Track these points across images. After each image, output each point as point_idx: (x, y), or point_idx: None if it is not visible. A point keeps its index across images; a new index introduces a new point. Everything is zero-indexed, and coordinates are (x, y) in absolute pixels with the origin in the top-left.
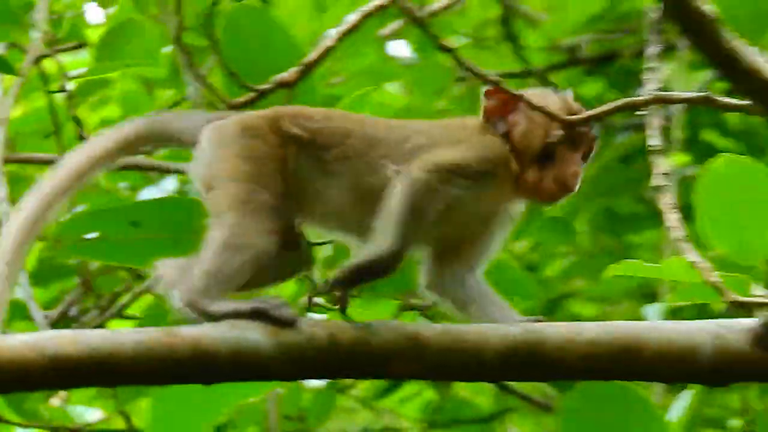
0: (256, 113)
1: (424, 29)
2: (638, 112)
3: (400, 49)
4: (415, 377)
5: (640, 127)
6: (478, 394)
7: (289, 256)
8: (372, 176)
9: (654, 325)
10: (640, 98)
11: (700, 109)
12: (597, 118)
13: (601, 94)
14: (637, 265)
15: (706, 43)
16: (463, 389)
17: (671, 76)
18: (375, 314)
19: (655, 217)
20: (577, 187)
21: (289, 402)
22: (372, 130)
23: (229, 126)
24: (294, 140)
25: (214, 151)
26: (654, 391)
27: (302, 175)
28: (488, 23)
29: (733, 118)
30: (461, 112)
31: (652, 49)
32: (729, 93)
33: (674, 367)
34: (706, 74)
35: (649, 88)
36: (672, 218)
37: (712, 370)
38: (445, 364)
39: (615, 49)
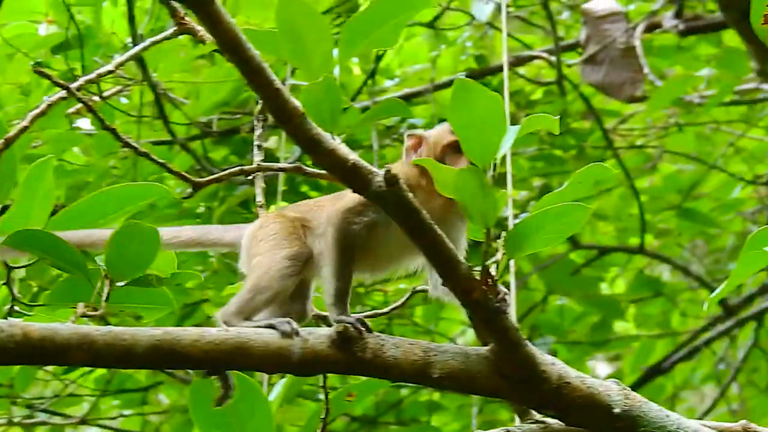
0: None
1: (94, 114)
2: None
3: (84, 123)
4: (87, 364)
5: (253, 182)
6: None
7: (295, 306)
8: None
9: (259, 331)
10: (250, 167)
11: None
12: (218, 180)
13: (226, 157)
14: None
15: (296, 131)
16: None
17: (276, 146)
18: (56, 318)
19: None
20: None
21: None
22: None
23: (260, 219)
24: (297, 219)
25: (254, 236)
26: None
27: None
28: (146, 105)
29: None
30: (126, 169)
31: (258, 132)
32: (313, 164)
33: (273, 363)
34: None
35: (256, 159)
36: None
37: (300, 365)
38: (108, 355)
39: (236, 125)
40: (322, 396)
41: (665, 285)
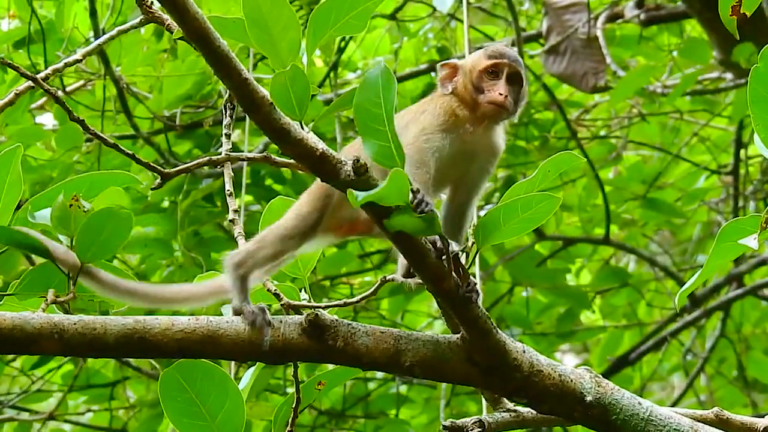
0: None
1: (62, 105)
2: (217, 167)
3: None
4: (58, 354)
5: (218, 176)
6: (104, 367)
7: None
8: None
9: (230, 319)
10: (218, 157)
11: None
12: (187, 170)
13: (190, 151)
14: (220, 273)
15: (265, 120)
16: (93, 363)
17: (240, 139)
18: (27, 307)
19: (231, 240)
20: (506, 101)
21: None
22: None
23: None
24: None
25: None
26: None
27: None
28: (109, 99)
29: (287, 171)
30: (90, 162)
31: (226, 121)
32: (281, 154)
33: (244, 351)
34: (264, 138)
35: (224, 149)
36: (241, 242)
37: (272, 353)
38: (79, 344)
39: (200, 119)
40: (290, 390)
41: (631, 276)
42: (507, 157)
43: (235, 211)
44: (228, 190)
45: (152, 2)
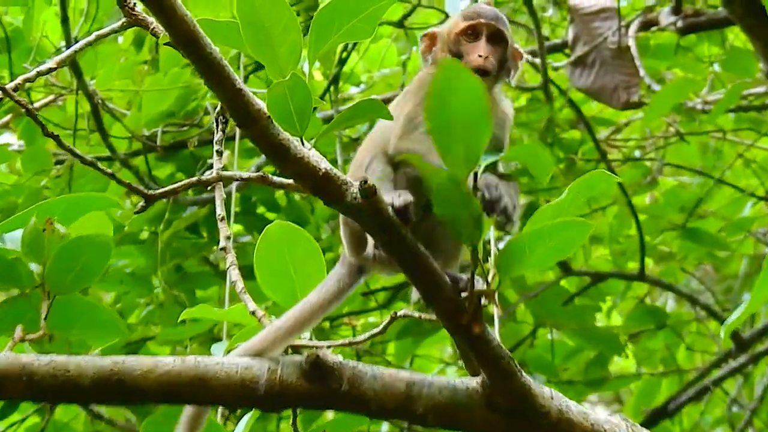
0: None
1: (35, 119)
2: (208, 188)
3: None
4: (26, 398)
5: (204, 203)
6: (74, 419)
7: None
8: None
9: (220, 360)
10: (209, 176)
11: (255, 188)
12: (174, 192)
13: (172, 175)
14: (208, 310)
15: (261, 136)
16: (61, 415)
17: (228, 161)
18: None
19: (218, 276)
20: (487, 61)
21: None
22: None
23: None
24: None
25: None
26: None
27: None
28: (82, 116)
29: (281, 197)
30: (60, 188)
31: (218, 136)
32: (279, 174)
33: (237, 395)
34: (256, 160)
35: (215, 167)
36: (234, 274)
37: (267, 398)
38: (50, 387)
39: (184, 139)
40: None
41: (669, 316)
42: (528, 182)
43: (228, 237)
44: (219, 214)
45: (135, 3)
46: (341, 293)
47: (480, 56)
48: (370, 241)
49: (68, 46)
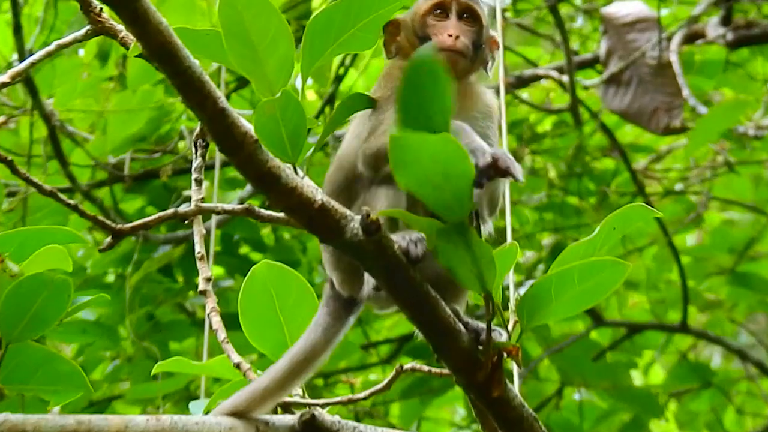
0: None
1: None
2: (185, 223)
3: None
4: None
5: (179, 241)
6: None
7: None
8: None
9: (201, 419)
10: (186, 209)
11: (238, 224)
12: (146, 227)
13: (142, 210)
14: (185, 363)
15: (247, 162)
16: None
17: (207, 194)
18: None
19: (195, 326)
20: (458, 41)
21: None
22: None
23: None
24: None
25: None
26: None
27: None
28: (38, 141)
29: (268, 235)
30: (12, 222)
31: (197, 163)
32: (267, 206)
33: None
34: (239, 192)
35: (194, 198)
36: (215, 321)
37: None
38: None
39: (155, 168)
40: None
41: (716, 373)
42: (554, 218)
43: (208, 279)
44: (199, 252)
45: (101, 9)
46: (330, 338)
47: (450, 36)
48: (369, 279)
49: (22, 60)
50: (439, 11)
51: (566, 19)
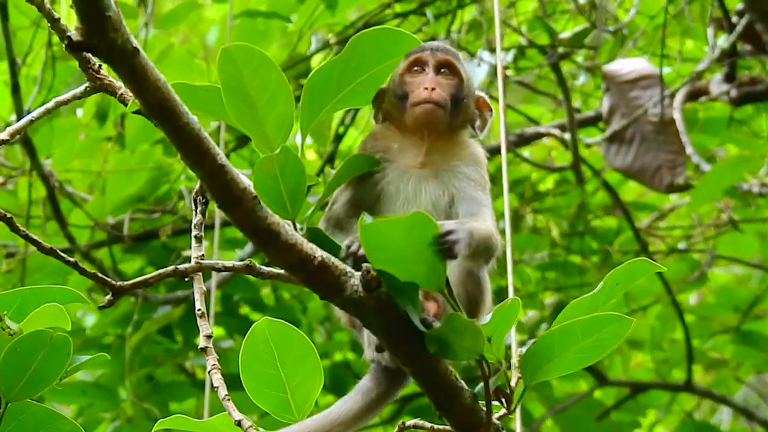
0: None
1: None
2: (185, 280)
3: None
4: None
5: (178, 302)
6: None
7: None
8: None
9: None
10: (188, 265)
11: (238, 284)
12: (146, 284)
13: (141, 270)
14: (185, 421)
15: (246, 219)
16: None
17: (207, 253)
18: None
19: (195, 386)
20: (436, 92)
21: None
22: None
23: None
24: None
25: None
26: None
27: None
28: (36, 202)
29: (268, 296)
30: (11, 284)
31: (197, 220)
32: (267, 264)
33: None
34: (239, 252)
35: (194, 255)
36: (215, 378)
37: None
38: None
39: (154, 228)
40: None
41: None
42: (557, 277)
43: (209, 336)
44: (199, 310)
45: (100, 66)
46: (370, 405)
47: (425, 89)
48: (369, 341)
49: (19, 120)
50: (416, 68)
51: (568, 77)
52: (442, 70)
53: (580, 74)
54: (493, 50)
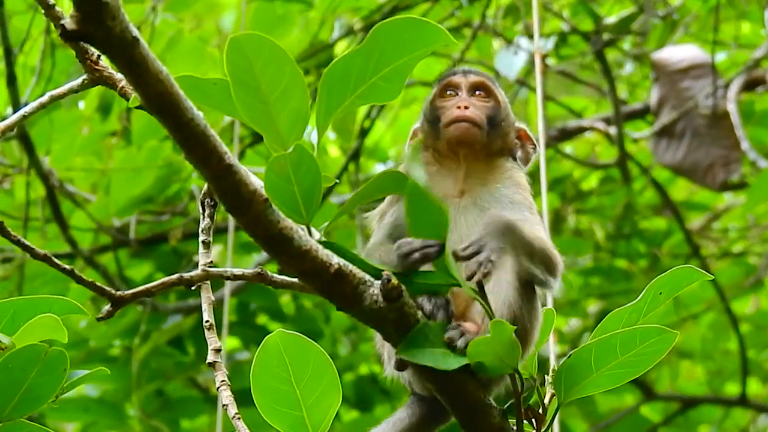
0: None
1: None
2: (192, 289)
3: None
4: None
5: (189, 311)
6: None
7: None
8: None
9: None
10: (194, 273)
11: (255, 292)
12: (149, 293)
13: (149, 276)
14: None
15: (256, 223)
16: None
17: (221, 258)
18: None
19: (208, 402)
20: (470, 110)
21: None
22: None
23: None
24: None
25: None
26: None
27: None
28: (35, 202)
29: (288, 304)
30: (8, 291)
31: (205, 224)
32: (281, 270)
33: None
34: (256, 257)
35: (201, 263)
36: (225, 395)
37: None
38: None
39: (163, 231)
40: None
41: None
42: (601, 283)
43: (217, 350)
44: (207, 321)
45: (99, 56)
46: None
47: (459, 107)
48: (389, 355)
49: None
50: (449, 92)
51: (613, 66)
52: (477, 92)
53: (626, 63)
54: (531, 36)
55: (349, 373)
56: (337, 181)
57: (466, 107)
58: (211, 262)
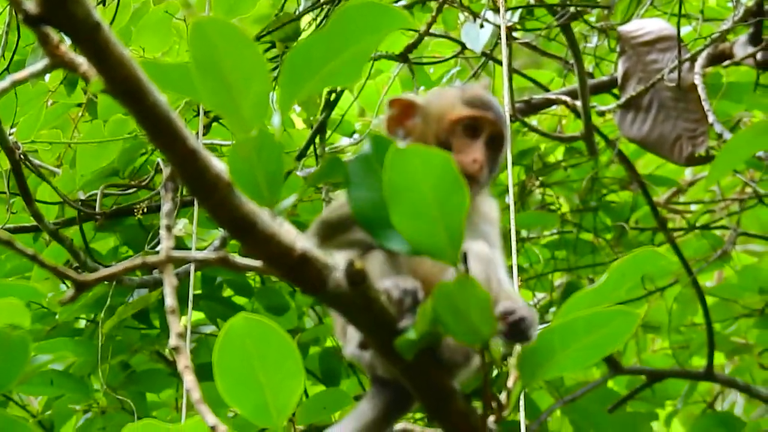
0: None
1: None
2: (154, 272)
3: None
4: None
5: (155, 285)
6: None
7: None
8: None
9: None
10: (155, 257)
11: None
12: (112, 277)
13: (115, 250)
14: (156, 426)
15: (220, 208)
16: None
17: (186, 232)
18: None
19: (174, 375)
20: (481, 171)
21: None
22: None
23: None
24: None
25: None
26: None
27: None
28: (0, 176)
29: (254, 280)
30: None
31: (167, 207)
32: (245, 253)
33: None
34: (221, 230)
35: (164, 246)
36: (189, 380)
37: None
38: None
39: (129, 205)
40: None
41: (746, 424)
42: (568, 256)
43: (180, 335)
44: (169, 306)
45: (59, 41)
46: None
47: (474, 161)
48: (352, 336)
49: None
50: (470, 125)
51: (579, 39)
52: (493, 142)
53: (592, 36)
54: (497, 10)
55: (315, 347)
56: (298, 164)
57: (480, 167)
58: (173, 246)
